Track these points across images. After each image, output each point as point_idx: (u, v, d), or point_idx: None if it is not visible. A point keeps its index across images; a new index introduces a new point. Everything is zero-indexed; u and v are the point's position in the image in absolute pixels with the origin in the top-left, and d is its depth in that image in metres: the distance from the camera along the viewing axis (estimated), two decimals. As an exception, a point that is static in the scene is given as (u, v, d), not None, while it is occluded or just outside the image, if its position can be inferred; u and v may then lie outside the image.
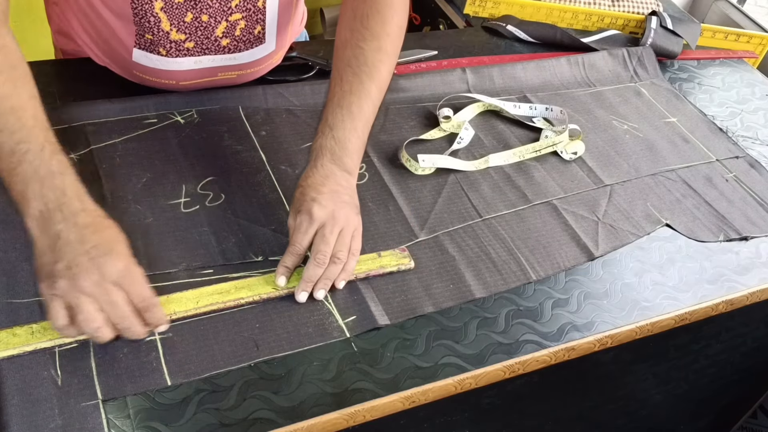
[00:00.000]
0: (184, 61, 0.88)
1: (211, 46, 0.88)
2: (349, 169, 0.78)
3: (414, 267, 0.79)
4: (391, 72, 0.83)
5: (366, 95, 0.79)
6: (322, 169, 0.76)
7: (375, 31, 0.81)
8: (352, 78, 0.80)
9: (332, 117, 0.78)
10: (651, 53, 1.24)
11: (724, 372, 1.12)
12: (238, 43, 0.89)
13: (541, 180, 0.95)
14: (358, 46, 0.81)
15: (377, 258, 0.78)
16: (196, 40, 0.86)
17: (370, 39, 0.80)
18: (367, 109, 0.79)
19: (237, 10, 0.85)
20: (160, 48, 0.85)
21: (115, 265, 0.62)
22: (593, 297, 0.82)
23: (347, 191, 0.77)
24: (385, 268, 0.77)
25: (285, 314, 0.71)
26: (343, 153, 0.77)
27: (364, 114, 0.79)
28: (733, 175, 1.04)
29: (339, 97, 0.79)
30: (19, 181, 0.63)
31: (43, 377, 0.62)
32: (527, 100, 1.08)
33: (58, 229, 0.62)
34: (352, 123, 0.78)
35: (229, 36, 0.87)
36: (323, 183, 0.75)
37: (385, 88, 0.82)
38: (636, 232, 0.91)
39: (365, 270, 0.76)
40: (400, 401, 0.68)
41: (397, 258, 0.79)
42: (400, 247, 0.81)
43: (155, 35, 0.84)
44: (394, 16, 0.82)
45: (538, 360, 0.75)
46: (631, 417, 1.10)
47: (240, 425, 0.63)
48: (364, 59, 0.80)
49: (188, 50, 0.87)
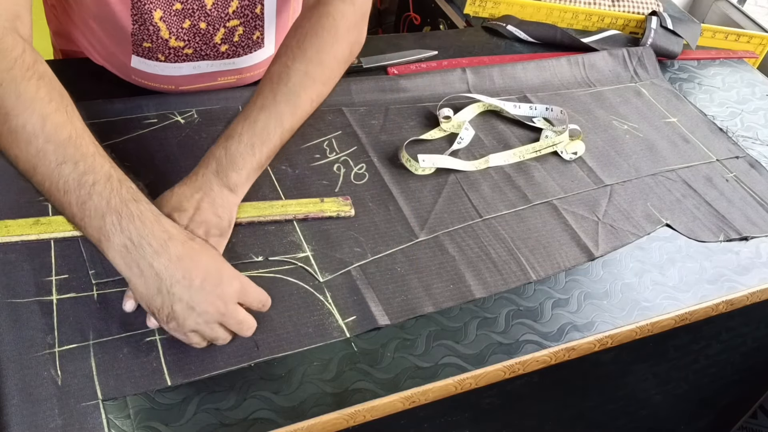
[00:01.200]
0: (183, 67, 0.88)
1: (210, 52, 0.88)
2: (232, 185, 0.71)
3: (354, 215, 0.81)
4: (315, 101, 0.77)
5: (276, 116, 0.73)
6: (199, 179, 0.71)
7: (308, 54, 0.75)
8: (269, 95, 0.74)
9: (233, 128, 0.73)
10: (651, 53, 1.24)
11: (724, 372, 1.12)
12: (237, 48, 0.89)
13: (542, 180, 0.95)
14: (285, 65, 0.75)
15: (319, 202, 0.81)
16: (194, 46, 0.86)
17: (299, 61, 0.75)
18: (272, 130, 0.73)
19: (235, 17, 0.85)
20: (158, 54, 0.85)
21: (232, 286, 0.63)
22: (593, 297, 0.82)
23: (212, 213, 0.70)
24: (324, 212, 0.80)
25: (285, 314, 0.71)
26: (231, 167, 0.71)
27: (267, 134, 0.73)
28: (733, 175, 1.04)
29: (248, 111, 0.74)
30: (93, 215, 0.61)
31: (43, 377, 0.62)
32: (527, 100, 1.08)
33: (155, 267, 0.60)
34: (251, 139, 0.72)
35: (228, 42, 0.87)
36: (190, 196, 0.70)
37: (303, 116, 0.76)
38: (636, 232, 0.91)
39: (305, 212, 0.78)
40: (400, 401, 0.68)
41: (338, 204, 0.81)
42: (343, 196, 0.83)
43: (154, 43, 0.84)
44: (335, 44, 0.77)
45: (538, 360, 0.75)
46: (631, 417, 1.10)
47: (240, 425, 0.63)
48: (287, 79, 0.74)
49: (187, 56, 0.87)
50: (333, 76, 0.79)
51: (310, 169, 0.88)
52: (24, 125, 0.61)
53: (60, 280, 0.69)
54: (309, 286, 0.74)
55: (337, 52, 0.77)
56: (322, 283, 0.75)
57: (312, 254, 0.78)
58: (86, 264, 0.71)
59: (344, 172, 0.89)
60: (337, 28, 0.77)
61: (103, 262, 0.72)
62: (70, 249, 0.72)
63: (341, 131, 0.94)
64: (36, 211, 0.75)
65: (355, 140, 0.94)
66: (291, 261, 0.76)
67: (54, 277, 0.69)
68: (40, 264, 0.70)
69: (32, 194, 0.76)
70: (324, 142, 0.92)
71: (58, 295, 0.68)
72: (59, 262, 0.71)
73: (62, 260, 0.71)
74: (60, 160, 0.61)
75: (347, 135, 0.94)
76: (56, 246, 0.72)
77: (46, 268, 0.70)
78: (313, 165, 0.89)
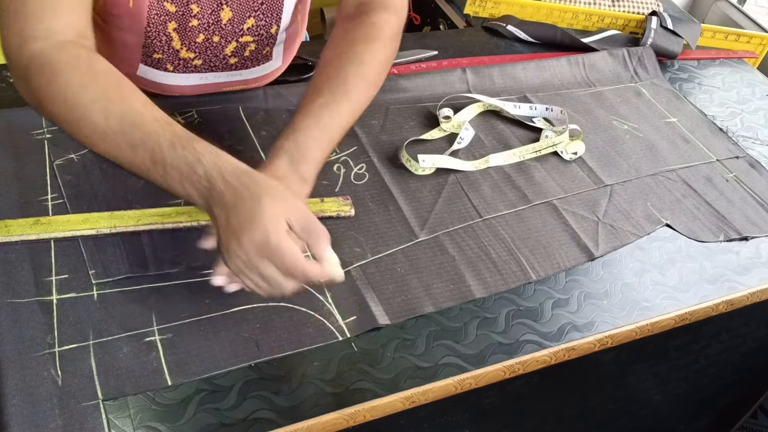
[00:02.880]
0: (190, 77, 0.89)
1: (219, 63, 0.89)
2: (305, 176, 0.74)
3: (354, 215, 0.82)
4: (367, 100, 0.81)
5: (337, 113, 0.77)
6: (276, 170, 0.72)
7: (362, 57, 0.79)
8: (328, 94, 0.77)
9: (299, 123, 0.75)
10: (651, 53, 1.24)
11: (724, 372, 1.12)
12: (246, 61, 0.91)
13: (542, 180, 0.95)
14: (341, 67, 0.79)
15: (319, 202, 0.81)
16: (204, 58, 0.87)
17: (354, 63, 0.79)
18: (334, 126, 0.76)
19: (249, 33, 0.86)
20: (167, 65, 0.86)
21: (266, 236, 0.62)
22: (593, 297, 0.82)
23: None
24: (324, 212, 0.80)
25: (285, 315, 0.71)
26: (302, 159, 0.73)
27: (330, 130, 0.76)
28: (733, 175, 1.04)
29: (310, 108, 0.76)
30: (177, 182, 0.65)
31: (43, 377, 0.62)
32: (527, 100, 1.08)
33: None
34: (318, 133, 0.75)
35: (238, 56, 0.89)
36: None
37: (357, 114, 0.80)
38: (636, 232, 0.91)
39: None
40: (400, 401, 0.68)
41: (338, 204, 0.82)
42: (343, 196, 0.84)
43: (165, 53, 0.85)
44: (384, 48, 0.81)
45: (538, 360, 0.75)
46: (631, 417, 1.10)
47: (240, 425, 0.63)
48: (344, 79, 0.78)
49: (196, 67, 0.88)
50: (381, 79, 0.83)
51: (310, 169, 0.88)
52: (95, 124, 0.66)
53: (60, 280, 0.69)
54: (309, 286, 0.74)
55: (383, 58, 0.82)
56: (322, 283, 0.75)
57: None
58: (86, 264, 0.71)
59: (344, 172, 0.89)
60: (384, 36, 0.82)
61: (103, 262, 0.72)
62: (70, 249, 0.72)
63: (341, 131, 0.95)
64: (36, 211, 0.75)
65: (355, 140, 0.94)
66: (291, 261, 0.76)
67: (54, 277, 0.70)
68: (40, 264, 0.70)
69: (32, 194, 0.76)
70: (324, 142, 0.92)
71: (58, 295, 0.68)
72: (59, 262, 0.71)
73: (62, 260, 0.71)
74: (132, 144, 0.66)
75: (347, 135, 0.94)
76: (56, 246, 0.72)
77: (46, 268, 0.70)
78: (313, 165, 0.89)
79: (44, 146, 0.82)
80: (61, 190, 0.78)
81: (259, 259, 0.62)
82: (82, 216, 0.75)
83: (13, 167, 0.79)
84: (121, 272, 0.71)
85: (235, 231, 0.62)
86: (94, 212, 0.76)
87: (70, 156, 0.82)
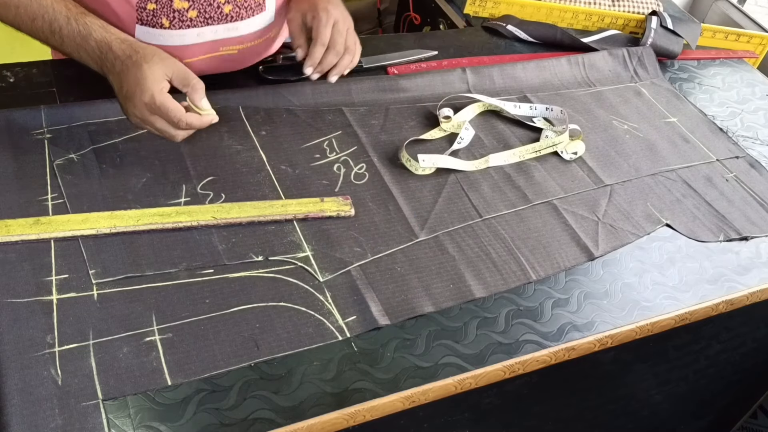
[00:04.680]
0: (187, 34, 0.89)
1: (213, 14, 0.90)
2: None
3: (354, 215, 0.82)
4: None
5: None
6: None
7: None
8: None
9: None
10: (651, 53, 1.24)
11: (724, 372, 1.12)
12: (240, 9, 0.91)
13: (542, 180, 0.95)
14: None
15: (319, 202, 0.82)
16: (198, 8, 0.88)
17: None
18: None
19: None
20: (163, 18, 0.87)
21: (143, 98, 0.76)
22: (593, 297, 0.82)
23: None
24: (324, 212, 0.81)
25: (285, 314, 0.71)
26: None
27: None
28: (733, 175, 1.04)
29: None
30: (74, 50, 0.80)
31: (43, 377, 0.62)
32: (527, 100, 1.08)
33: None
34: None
35: (231, 2, 0.90)
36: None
37: None
38: (636, 232, 0.91)
39: (305, 212, 0.80)
40: (400, 401, 0.68)
41: (338, 204, 0.82)
42: (343, 196, 0.84)
43: (159, 3, 0.86)
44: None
45: (538, 360, 0.75)
46: (631, 417, 1.10)
47: (240, 425, 0.63)
48: None
49: (191, 20, 0.89)
50: None
51: (310, 169, 0.88)
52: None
53: (60, 280, 0.69)
54: (309, 286, 0.74)
55: None
56: (322, 283, 0.75)
57: (312, 254, 0.78)
58: (86, 264, 0.71)
59: (344, 171, 0.89)
60: None
61: (103, 262, 0.72)
62: (70, 249, 0.72)
63: (341, 131, 0.95)
64: (36, 211, 0.75)
65: (355, 140, 0.94)
66: (291, 261, 0.76)
67: (54, 277, 0.70)
68: (40, 264, 0.70)
69: (32, 194, 0.76)
70: (324, 142, 0.92)
71: (58, 295, 0.68)
72: (59, 262, 0.71)
73: (62, 260, 0.71)
74: (31, 16, 0.79)
75: (347, 135, 0.94)
76: (56, 246, 0.72)
77: (46, 268, 0.70)
78: (313, 165, 0.89)
79: (44, 146, 0.82)
80: (61, 190, 0.78)
81: (150, 115, 0.77)
82: (82, 216, 0.75)
83: (13, 167, 0.79)
84: (121, 272, 0.71)
85: (127, 95, 0.77)
86: (94, 212, 0.76)
87: (70, 156, 0.82)
